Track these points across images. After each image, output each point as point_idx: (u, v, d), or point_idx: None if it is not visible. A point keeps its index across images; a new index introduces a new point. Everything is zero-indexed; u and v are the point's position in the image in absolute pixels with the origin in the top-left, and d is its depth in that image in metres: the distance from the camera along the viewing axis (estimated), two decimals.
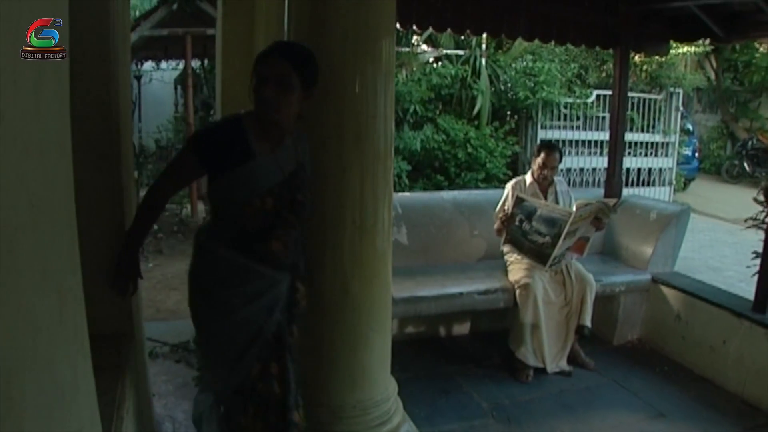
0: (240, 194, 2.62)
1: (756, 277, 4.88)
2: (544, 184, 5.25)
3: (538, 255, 4.90)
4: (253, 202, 2.63)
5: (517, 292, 4.94)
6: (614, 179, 6.29)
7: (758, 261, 4.88)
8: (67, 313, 1.41)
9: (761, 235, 4.92)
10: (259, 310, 2.71)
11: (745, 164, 17.19)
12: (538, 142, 11.21)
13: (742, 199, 9.01)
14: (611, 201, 5.18)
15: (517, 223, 4.99)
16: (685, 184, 15.76)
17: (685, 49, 13.01)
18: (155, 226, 9.41)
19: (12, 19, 1.10)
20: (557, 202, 5.16)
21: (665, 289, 5.53)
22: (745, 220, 5.68)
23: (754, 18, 5.59)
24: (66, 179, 1.50)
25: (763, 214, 5.40)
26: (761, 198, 5.45)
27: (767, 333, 4.59)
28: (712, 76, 16.59)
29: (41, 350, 1.22)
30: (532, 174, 5.27)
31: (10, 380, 1.03)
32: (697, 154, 16.94)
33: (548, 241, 4.80)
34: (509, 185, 5.33)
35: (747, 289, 5.32)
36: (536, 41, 6.30)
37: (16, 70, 1.12)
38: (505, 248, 5.24)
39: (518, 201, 5.01)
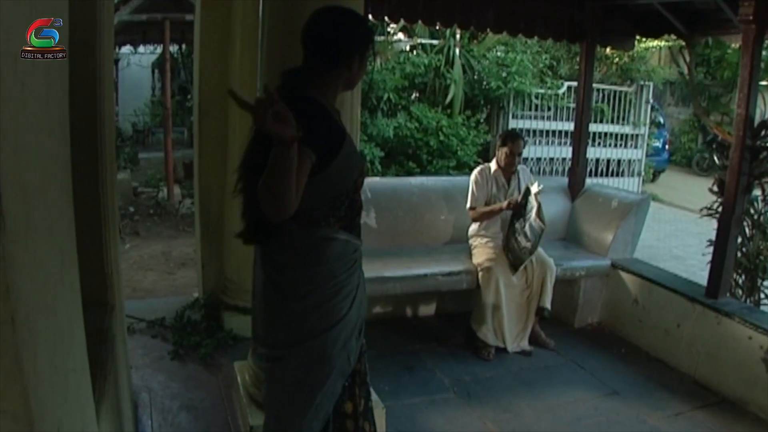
0: (353, 171, 2.53)
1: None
2: (508, 172, 5.36)
3: (515, 257, 5.09)
4: (363, 173, 2.63)
5: (480, 274, 5.10)
6: (578, 168, 6.44)
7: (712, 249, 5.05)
8: (66, 270, 1.60)
9: None
10: (361, 300, 2.72)
11: (715, 157, 17.38)
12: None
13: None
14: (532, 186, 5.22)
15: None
16: (655, 176, 15.97)
17: (657, 43, 13.14)
18: (131, 209, 9.52)
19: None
20: (519, 191, 5.28)
21: (624, 275, 5.67)
22: (701, 210, 5.91)
23: (716, 16, 5.70)
24: (65, 160, 1.69)
25: (716, 204, 5.64)
26: (715, 189, 5.69)
27: (718, 317, 4.76)
28: (685, 70, 16.73)
29: (49, 295, 1.44)
30: (498, 162, 5.35)
31: (28, 314, 1.24)
32: (667, 147, 17.15)
33: (528, 247, 4.99)
34: (475, 174, 5.39)
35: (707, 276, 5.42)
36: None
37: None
38: (472, 230, 5.38)
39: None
